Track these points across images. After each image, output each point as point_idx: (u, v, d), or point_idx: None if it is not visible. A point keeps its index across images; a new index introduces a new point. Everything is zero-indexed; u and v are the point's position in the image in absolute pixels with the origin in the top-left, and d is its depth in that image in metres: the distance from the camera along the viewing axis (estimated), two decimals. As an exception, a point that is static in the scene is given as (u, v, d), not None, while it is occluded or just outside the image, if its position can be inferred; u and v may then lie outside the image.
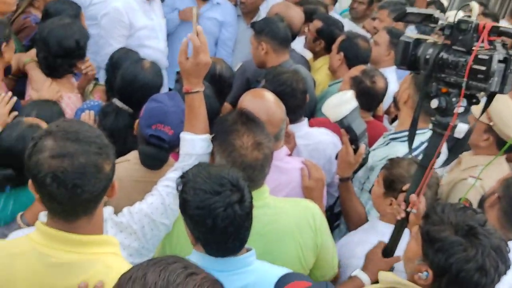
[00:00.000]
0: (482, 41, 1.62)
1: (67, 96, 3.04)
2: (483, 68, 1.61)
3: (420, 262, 1.68)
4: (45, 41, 2.97)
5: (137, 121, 2.37)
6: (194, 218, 1.65)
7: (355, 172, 2.71)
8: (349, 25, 4.61)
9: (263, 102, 2.30)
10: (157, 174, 2.19)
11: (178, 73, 3.54)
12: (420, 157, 2.08)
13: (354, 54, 3.54)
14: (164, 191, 2.00)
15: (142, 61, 2.84)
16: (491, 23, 1.67)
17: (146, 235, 1.97)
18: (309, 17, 4.08)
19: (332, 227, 2.71)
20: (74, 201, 1.44)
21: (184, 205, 1.68)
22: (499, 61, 1.61)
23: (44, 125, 2.28)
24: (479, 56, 1.61)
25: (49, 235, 1.49)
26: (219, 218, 1.61)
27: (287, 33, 3.44)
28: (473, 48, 1.63)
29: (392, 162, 2.34)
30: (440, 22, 1.76)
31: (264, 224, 1.98)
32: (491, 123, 2.59)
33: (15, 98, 2.72)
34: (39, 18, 3.60)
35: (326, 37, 3.90)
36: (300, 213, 2.09)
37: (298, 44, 4.10)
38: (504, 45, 1.66)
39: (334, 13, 4.74)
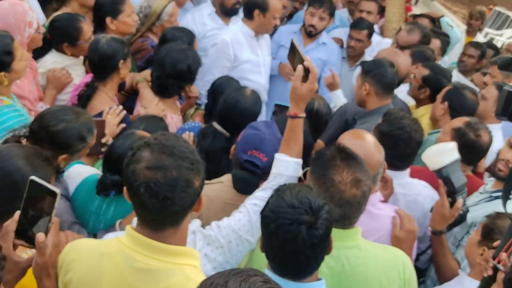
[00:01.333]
0: None
1: (170, 116, 3.21)
2: None
3: None
4: (161, 61, 3.19)
5: (233, 146, 2.45)
6: (264, 218, 1.67)
7: (450, 227, 2.58)
8: (457, 77, 4.48)
9: (362, 143, 2.26)
10: (246, 197, 2.22)
11: (276, 105, 3.63)
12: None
13: (460, 105, 3.41)
14: (252, 209, 2.03)
15: (244, 88, 2.95)
16: None
17: (231, 250, 2.00)
18: (416, 59, 4.01)
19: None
20: (163, 212, 1.50)
21: (264, 207, 1.70)
22: None
23: None
24: None
25: (137, 240, 1.56)
26: (282, 228, 1.62)
27: (394, 79, 3.39)
28: None
29: (499, 214, 2.24)
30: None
31: (352, 265, 1.93)
32: None
33: (124, 112, 2.92)
34: (155, 42, 3.87)
35: (432, 85, 3.78)
36: (390, 260, 2.01)
37: (402, 92, 4.04)
38: None
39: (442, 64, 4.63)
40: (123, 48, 3.10)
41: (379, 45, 4.62)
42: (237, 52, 4.03)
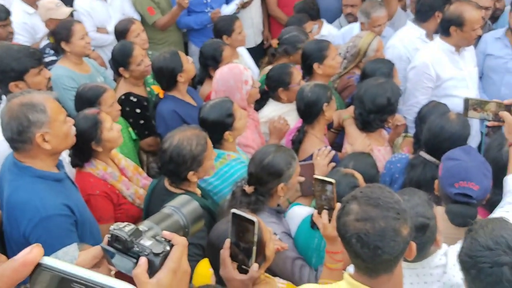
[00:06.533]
0: None
1: (377, 149, 3.31)
2: None
3: None
4: (360, 98, 3.35)
5: (436, 181, 2.45)
6: (462, 263, 1.68)
7: None
8: None
9: None
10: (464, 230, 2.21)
11: (487, 126, 3.45)
12: None
13: None
14: None
15: (448, 113, 2.91)
16: None
17: None
18: None
19: None
20: (376, 260, 1.62)
21: (460, 251, 1.71)
22: None
23: (357, 175, 2.58)
24: None
25: (353, 286, 1.70)
26: (483, 273, 1.59)
27: None
28: None
29: None
30: None
31: None
32: None
33: (333, 152, 3.13)
34: (361, 77, 4.02)
35: None
36: None
37: None
38: None
39: None
40: (326, 92, 3.33)
41: None
42: (438, 71, 3.93)
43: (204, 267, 2.22)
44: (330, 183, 2.20)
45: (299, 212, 2.74)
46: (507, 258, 1.60)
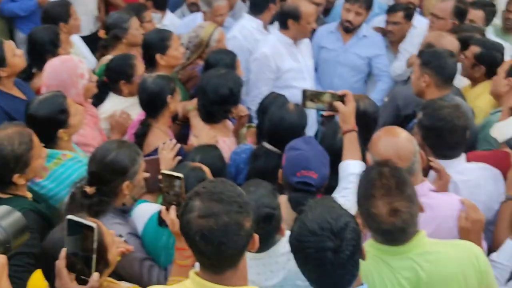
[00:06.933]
0: None
1: (222, 140, 3.32)
2: None
3: None
4: (203, 89, 3.33)
5: (280, 171, 2.53)
6: (291, 246, 1.77)
7: None
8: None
9: (391, 139, 2.35)
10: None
11: (322, 116, 3.68)
12: None
13: None
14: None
15: (286, 104, 3.02)
16: None
17: None
18: (464, 45, 3.91)
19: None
20: (220, 256, 1.61)
21: (290, 234, 1.79)
22: None
23: (205, 168, 2.55)
24: None
25: (200, 285, 1.67)
26: (309, 258, 1.70)
27: (454, 70, 3.32)
28: None
29: None
30: None
31: (428, 272, 1.96)
32: None
33: (178, 145, 3.06)
34: (205, 68, 4.00)
35: (486, 62, 3.69)
36: (463, 256, 2.02)
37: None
38: None
39: (490, 35, 4.46)
40: (169, 83, 3.25)
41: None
42: (278, 63, 4.09)
43: (38, 279, 2.01)
44: (178, 177, 2.15)
45: (146, 210, 2.64)
46: (331, 244, 1.68)
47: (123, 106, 3.55)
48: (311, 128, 4.04)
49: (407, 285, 1.95)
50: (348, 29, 4.59)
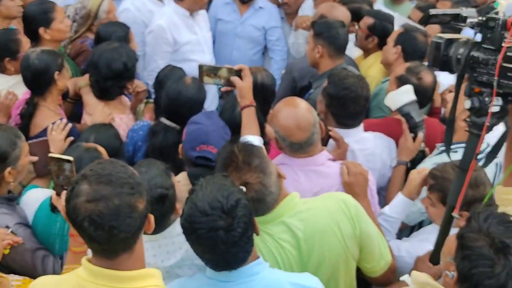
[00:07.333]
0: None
1: (119, 118, 3.17)
2: (512, 66, 1.54)
3: (451, 261, 1.65)
4: (95, 64, 3.14)
5: (180, 145, 2.47)
6: (183, 228, 1.74)
7: (413, 164, 2.79)
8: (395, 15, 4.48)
9: (291, 110, 2.39)
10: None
11: (220, 89, 3.63)
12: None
13: (412, 48, 3.45)
14: None
15: (184, 78, 2.93)
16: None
17: None
18: (354, 16, 4.01)
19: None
20: (113, 241, 1.51)
21: (182, 213, 1.76)
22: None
23: (100, 148, 2.42)
24: (508, 54, 1.54)
25: (93, 272, 1.57)
26: (201, 238, 1.68)
27: (346, 40, 3.40)
28: (502, 45, 1.57)
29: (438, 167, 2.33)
30: (469, 20, 1.70)
31: (303, 230, 2.04)
32: None
33: (70, 125, 2.87)
34: (95, 42, 3.78)
35: (379, 33, 3.82)
36: (333, 206, 2.12)
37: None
38: None
39: (380, 5, 4.62)
40: (56, 59, 3.03)
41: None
42: (175, 35, 3.96)
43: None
44: (68, 161, 2.01)
45: (36, 196, 2.48)
46: (222, 223, 1.66)
47: (9, 85, 3.26)
48: (213, 102, 3.99)
49: (289, 247, 2.02)
50: (244, 0, 4.53)
